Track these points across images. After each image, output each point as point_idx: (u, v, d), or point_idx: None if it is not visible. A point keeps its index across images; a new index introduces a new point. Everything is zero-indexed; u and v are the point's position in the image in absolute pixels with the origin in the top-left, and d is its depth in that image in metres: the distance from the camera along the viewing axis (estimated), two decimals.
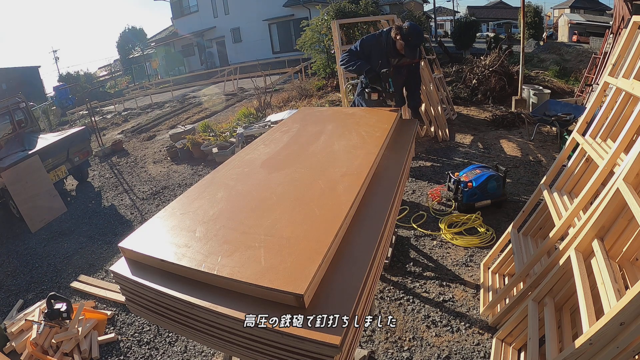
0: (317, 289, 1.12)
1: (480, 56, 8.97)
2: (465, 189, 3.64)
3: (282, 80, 13.82)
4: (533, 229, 2.51)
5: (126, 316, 2.86)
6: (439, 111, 5.97)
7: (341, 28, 5.53)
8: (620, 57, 2.26)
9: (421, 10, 27.99)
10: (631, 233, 1.49)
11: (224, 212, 1.56)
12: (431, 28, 22.15)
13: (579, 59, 11.74)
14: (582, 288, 1.47)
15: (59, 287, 3.44)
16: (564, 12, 24.24)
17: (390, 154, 2.09)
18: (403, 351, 2.23)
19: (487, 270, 2.74)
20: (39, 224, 4.89)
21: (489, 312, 2.38)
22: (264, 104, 9.05)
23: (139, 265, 1.35)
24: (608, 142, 2.05)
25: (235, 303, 1.11)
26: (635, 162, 1.48)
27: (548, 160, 4.73)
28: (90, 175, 6.68)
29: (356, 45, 3.09)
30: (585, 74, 7.86)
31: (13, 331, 2.64)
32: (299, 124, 2.56)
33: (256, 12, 21.45)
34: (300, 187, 1.64)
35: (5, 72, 22.01)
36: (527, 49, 15.00)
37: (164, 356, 2.45)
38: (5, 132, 6.06)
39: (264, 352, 1.10)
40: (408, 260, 3.07)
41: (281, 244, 1.27)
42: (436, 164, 5.01)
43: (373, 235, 1.37)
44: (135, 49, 28.75)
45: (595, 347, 1.28)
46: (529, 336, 1.78)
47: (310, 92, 10.74)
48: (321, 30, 10.13)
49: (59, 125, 13.83)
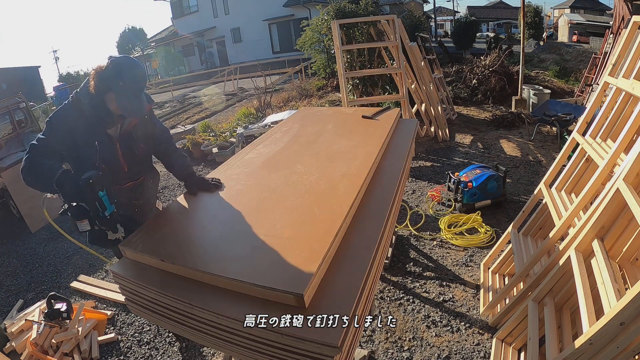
0: (317, 289, 1.12)
1: (480, 56, 8.98)
2: (466, 189, 3.64)
3: (282, 80, 13.82)
4: (533, 229, 2.51)
5: (126, 316, 2.85)
6: (439, 111, 5.97)
7: (341, 28, 5.53)
8: (620, 57, 2.26)
9: (421, 10, 27.99)
10: (631, 233, 1.49)
11: (225, 210, 1.56)
12: (431, 28, 22.14)
13: (579, 59, 11.75)
14: (582, 288, 1.47)
15: (59, 287, 3.44)
16: (564, 12, 24.23)
17: (390, 154, 2.09)
18: (403, 351, 2.23)
19: (487, 270, 2.74)
20: (39, 224, 4.88)
21: (489, 312, 2.38)
22: (264, 104, 9.05)
23: (139, 265, 1.35)
24: (608, 142, 2.05)
25: (235, 303, 1.11)
26: (635, 162, 1.48)
27: (548, 160, 4.73)
28: None
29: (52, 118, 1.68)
30: (585, 74, 7.86)
31: (13, 331, 2.64)
32: (299, 124, 2.55)
33: (256, 12, 21.46)
34: (301, 187, 1.64)
35: (5, 72, 22.00)
36: (527, 49, 15.00)
37: (164, 356, 2.45)
38: (6, 132, 6.05)
39: (264, 352, 1.10)
40: (408, 260, 3.07)
41: (281, 243, 1.27)
42: (436, 164, 5.01)
43: (373, 235, 1.37)
44: (136, 49, 28.72)
45: (595, 347, 1.28)
46: (529, 336, 1.78)
47: (310, 92, 10.75)
48: (321, 30, 10.13)
49: None
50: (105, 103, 1.59)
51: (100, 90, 1.57)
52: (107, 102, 1.59)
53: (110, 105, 1.60)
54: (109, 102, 1.59)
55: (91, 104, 1.61)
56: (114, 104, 1.58)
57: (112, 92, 1.56)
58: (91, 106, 1.61)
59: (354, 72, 6.11)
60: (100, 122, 1.66)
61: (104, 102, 1.59)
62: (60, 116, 1.65)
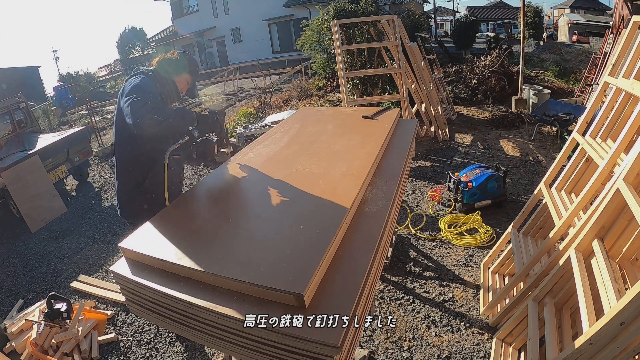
0: (317, 289, 1.12)
1: (480, 56, 8.98)
2: (466, 189, 3.64)
3: (282, 80, 13.82)
4: (533, 229, 2.51)
5: (126, 316, 2.86)
6: (439, 111, 5.97)
7: (341, 28, 5.53)
8: (620, 57, 2.26)
9: (421, 10, 28.00)
10: (631, 233, 1.49)
11: (225, 210, 1.56)
12: (431, 28, 22.16)
13: (579, 59, 11.75)
14: (582, 288, 1.47)
15: (59, 287, 3.44)
16: (564, 12, 24.24)
17: (390, 154, 2.09)
18: (403, 351, 2.23)
19: (487, 270, 2.74)
20: (39, 224, 4.89)
21: (489, 312, 2.38)
22: (264, 104, 9.05)
23: (139, 265, 1.35)
24: (608, 142, 2.05)
25: (235, 303, 1.11)
26: (635, 162, 1.48)
27: (548, 160, 4.73)
28: (90, 175, 6.68)
29: (140, 84, 1.83)
30: (585, 74, 7.86)
31: (13, 331, 2.64)
32: (299, 124, 2.55)
33: (256, 12, 21.44)
34: (300, 187, 1.64)
35: (5, 72, 21.97)
36: (527, 49, 15.00)
37: (164, 356, 2.45)
38: (6, 132, 6.05)
39: (264, 352, 1.10)
40: (408, 260, 3.07)
41: (281, 243, 1.27)
42: (436, 164, 5.01)
43: (373, 235, 1.37)
44: (136, 49, 28.71)
45: (595, 347, 1.28)
46: (529, 336, 1.78)
47: (310, 92, 10.75)
48: (321, 30, 10.12)
49: (59, 125, 13.82)
50: (175, 83, 2.00)
51: (172, 73, 1.99)
52: (177, 82, 2.01)
53: (179, 86, 2.02)
54: (178, 83, 2.01)
55: (163, 82, 1.97)
56: (182, 85, 2.02)
57: (182, 76, 2.00)
58: (162, 84, 1.97)
59: (354, 72, 6.11)
60: (168, 97, 2.02)
61: (174, 82, 2.00)
62: (145, 83, 1.86)
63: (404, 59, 5.39)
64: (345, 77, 5.31)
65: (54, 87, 21.96)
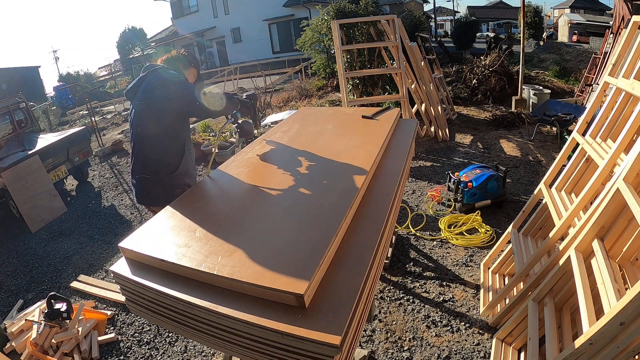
0: (317, 289, 1.12)
1: (480, 56, 8.98)
2: (466, 189, 3.64)
3: (282, 80, 13.82)
4: (533, 229, 2.51)
5: (126, 316, 2.86)
6: (439, 111, 5.98)
7: (341, 28, 5.53)
8: (620, 57, 2.26)
9: (421, 10, 27.98)
10: (631, 233, 1.49)
11: (224, 212, 1.56)
12: (431, 28, 22.16)
13: (579, 59, 11.75)
14: (582, 288, 1.47)
15: (59, 287, 3.44)
16: (564, 12, 24.24)
17: (390, 154, 2.09)
18: (403, 351, 2.23)
19: (487, 270, 2.74)
20: (39, 224, 4.89)
21: (489, 312, 2.38)
22: (264, 104, 9.06)
23: (139, 265, 1.35)
24: (608, 142, 2.05)
25: (235, 303, 1.11)
26: (635, 162, 1.48)
27: (548, 160, 4.73)
28: (90, 175, 6.68)
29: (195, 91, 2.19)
30: (585, 74, 7.86)
31: (13, 331, 2.64)
32: (299, 124, 2.55)
33: (256, 12, 21.44)
34: (301, 187, 1.64)
35: (5, 72, 21.97)
36: (527, 49, 15.01)
37: (164, 356, 2.45)
38: (6, 132, 6.05)
39: (264, 352, 1.10)
40: (408, 260, 3.07)
41: (281, 243, 1.27)
42: (436, 164, 5.01)
43: (373, 235, 1.37)
44: (136, 49, 28.72)
45: (595, 347, 1.28)
46: (529, 336, 1.78)
47: (310, 92, 10.75)
48: (321, 30, 10.13)
49: (59, 125, 13.83)
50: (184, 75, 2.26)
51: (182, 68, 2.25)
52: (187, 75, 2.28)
53: (188, 78, 2.29)
54: (188, 76, 2.29)
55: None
56: (190, 78, 2.31)
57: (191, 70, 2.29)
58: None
59: (354, 72, 6.11)
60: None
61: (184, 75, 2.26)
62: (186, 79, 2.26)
63: (404, 59, 5.39)
64: (345, 77, 5.31)
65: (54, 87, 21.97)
